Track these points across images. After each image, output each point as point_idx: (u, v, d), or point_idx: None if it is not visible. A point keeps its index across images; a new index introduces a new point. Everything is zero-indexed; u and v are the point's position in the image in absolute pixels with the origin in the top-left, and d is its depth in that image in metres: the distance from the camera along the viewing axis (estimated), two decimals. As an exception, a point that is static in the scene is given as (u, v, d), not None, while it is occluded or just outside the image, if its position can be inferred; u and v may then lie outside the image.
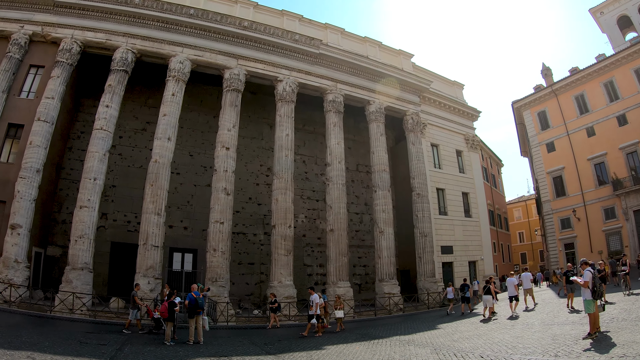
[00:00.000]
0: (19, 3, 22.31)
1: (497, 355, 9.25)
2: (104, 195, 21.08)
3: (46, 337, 12.06)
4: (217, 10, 23.27)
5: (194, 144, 25.24)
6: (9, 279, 17.62)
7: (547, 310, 16.62)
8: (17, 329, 12.88)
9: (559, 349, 9.01)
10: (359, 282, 26.70)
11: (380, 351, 11.22)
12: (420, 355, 10.16)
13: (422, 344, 12.07)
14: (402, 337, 13.70)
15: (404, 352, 10.72)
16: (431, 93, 29.83)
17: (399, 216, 27.85)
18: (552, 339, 10.30)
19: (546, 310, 16.87)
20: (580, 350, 8.59)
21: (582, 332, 10.12)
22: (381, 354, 10.75)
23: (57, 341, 11.59)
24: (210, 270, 19.79)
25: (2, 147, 20.66)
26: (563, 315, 14.59)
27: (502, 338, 11.55)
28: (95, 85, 23.90)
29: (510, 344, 10.37)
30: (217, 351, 11.86)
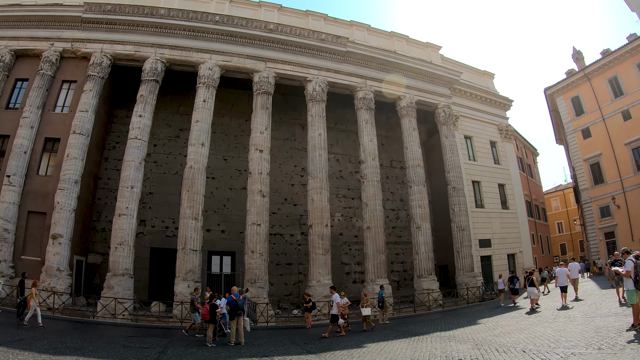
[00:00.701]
0: (47, 22, 23.31)
1: (540, 349, 9.09)
2: (142, 202, 21.68)
3: (90, 342, 12.41)
4: (242, 15, 23.60)
5: (228, 148, 25.66)
6: (52, 286, 18.43)
7: (590, 302, 16.16)
8: (62, 334, 13.26)
9: (602, 341, 8.78)
10: (397, 278, 26.47)
11: (421, 348, 11.09)
12: (462, 351, 10.07)
13: (463, 339, 11.94)
14: (442, 333, 13.60)
15: (445, 349, 10.63)
16: (461, 84, 29.22)
17: (435, 211, 27.44)
18: (595, 331, 10.06)
19: (588, 302, 16.43)
20: (624, 342, 8.36)
21: (626, 323, 9.85)
22: (422, 350, 10.66)
23: (100, 345, 11.93)
24: (249, 272, 20.03)
25: (40, 161, 21.67)
26: (606, 307, 14.23)
27: (544, 332, 11.35)
28: (127, 96, 24.73)
29: (553, 338, 10.22)
30: (258, 351, 11.95)
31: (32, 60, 23.20)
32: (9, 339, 11.47)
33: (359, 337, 14.28)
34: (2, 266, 19.22)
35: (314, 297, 19.87)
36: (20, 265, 19.77)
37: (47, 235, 19.77)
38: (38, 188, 21.01)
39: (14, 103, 23.01)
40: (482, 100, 31.11)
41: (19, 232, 20.27)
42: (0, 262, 19.31)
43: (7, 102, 22.90)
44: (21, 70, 23.33)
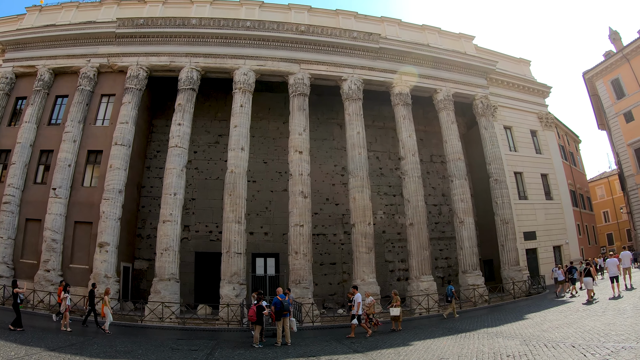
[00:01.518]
0: (82, 39, 24.06)
1: (589, 343, 8.82)
2: (185, 208, 22.05)
3: (139, 345, 12.66)
4: (273, 19, 23.70)
5: (267, 151, 25.80)
6: (99, 293, 18.64)
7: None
8: (111, 339, 13.52)
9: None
10: (441, 275, 25.90)
11: (468, 345, 10.94)
12: (510, 347, 9.92)
13: (510, 335, 11.73)
14: (489, 330, 13.36)
15: (492, 345, 10.46)
16: (498, 74, 28.37)
17: (478, 204, 26.72)
18: (646, 324, 9.62)
19: (638, 294, 15.83)
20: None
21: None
22: (469, 347, 10.50)
23: (149, 349, 12.12)
24: (293, 272, 20.05)
25: (85, 173, 22.39)
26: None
27: (594, 325, 11.00)
28: (165, 106, 25.23)
29: (602, 332, 9.94)
30: (304, 352, 11.96)
31: (71, 77, 23.98)
32: (61, 344, 11.78)
33: (405, 336, 14.09)
34: (51, 275, 20.01)
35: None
36: (69, 274, 20.55)
37: (94, 243, 20.41)
38: (83, 199, 21.68)
39: (56, 119, 23.84)
40: (519, 89, 30.13)
41: (67, 241, 21.04)
42: (50, 271, 20.11)
43: (49, 119, 23.75)
44: (60, 87, 24.16)
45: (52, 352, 10.37)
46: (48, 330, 14.22)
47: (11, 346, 10.58)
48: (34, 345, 11.13)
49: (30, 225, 21.72)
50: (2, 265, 20.71)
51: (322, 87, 24.15)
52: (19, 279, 20.53)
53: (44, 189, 21.95)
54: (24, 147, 22.52)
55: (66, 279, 20.22)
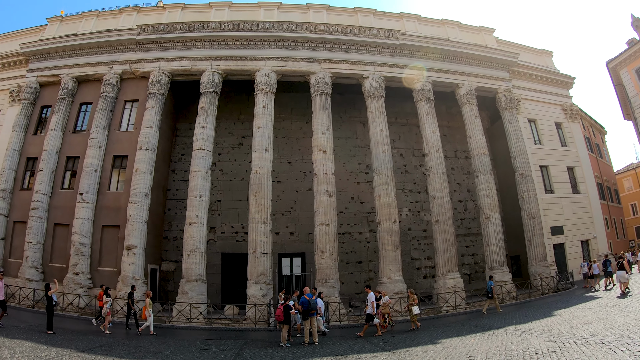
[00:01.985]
0: (104, 47, 24.44)
1: (620, 340, 8.75)
2: (211, 210, 22.19)
3: (167, 345, 12.78)
4: (292, 20, 23.76)
5: (291, 151, 25.85)
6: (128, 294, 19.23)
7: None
8: (140, 340, 13.70)
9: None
10: (468, 272, 25.54)
11: (496, 342, 10.88)
12: (539, 344, 9.84)
13: (539, 332, 11.63)
14: (517, 327, 13.25)
15: (521, 342, 10.38)
16: (520, 66, 27.84)
17: (504, 199, 26.27)
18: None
19: None
20: None
21: None
22: (498, 345, 10.46)
23: (178, 349, 12.26)
24: (320, 272, 20.02)
25: (111, 178, 22.73)
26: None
27: (624, 322, 10.87)
28: (188, 109, 25.41)
29: (633, 328, 9.88)
30: (332, 350, 11.98)
31: (94, 84, 24.39)
32: (90, 345, 12.00)
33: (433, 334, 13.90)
34: (80, 278, 20.38)
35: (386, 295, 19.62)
36: (97, 277, 20.93)
37: (122, 246, 20.76)
38: (110, 203, 22.02)
39: (81, 126, 24.27)
40: (542, 81, 29.53)
41: (95, 245, 21.45)
42: (79, 274, 20.48)
43: (74, 126, 24.18)
44: (84, 94, 24.58)
45: (82, 353, 10.58)
46: (78, 332, 14.49)
47: (42, 348, 10.77)
48: (64, 346, 11.35)
49: (58, 229, 22.20)
50: (32, 269, 21.20)
51: (344, 85, 24.07)
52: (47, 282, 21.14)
53: (71, 194, 22.36)
54: (51, 154, 22.96)
55: (94, 281, 20.70)
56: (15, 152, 23.99)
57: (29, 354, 9.89)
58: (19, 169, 23.97)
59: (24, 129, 24.60)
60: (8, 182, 23.42)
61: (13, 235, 22.85)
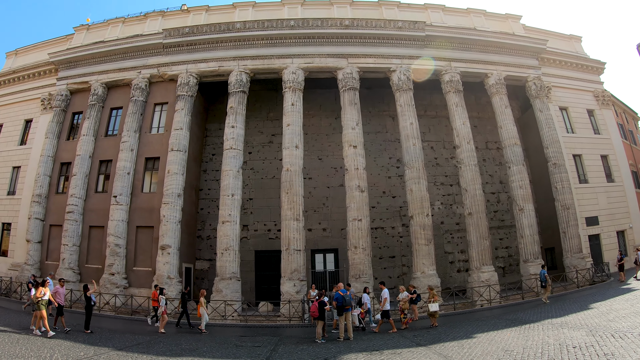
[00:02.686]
0: (131, 52, 24.84)
1: None
2: (243, 208, 22.35)
3: (203, 343, 12.92)
4: (316, 16, 23.68)
5: (321, 148, 25.85)
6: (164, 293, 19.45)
7: None
8: (176, 337, 13.88)
9: None
10: (502, 265, 25.05)
11: (532, 336, 10.70)
12: (576, 338, 9.72)
13: (576, 326, 11.48)
14: (553, 320, 13.02)
15: (558, 336, 10.25)
16: (548, 53, 27.13)
17: (537, 190, 25.69)
18: None
19: None
20: None
21: None
22: (534, 339, 10.32)
23: (214, 346, 12.37)
24: (353, 267, 19.97)
25: (143, 180, 23.11)
26: None
27: None
28: (217, 110, 25.70)
29: None
30: (367, 346, 11.92)
31: (123, 89, 24.84)
32: (128, 343, 12.24)
33: (468, 328, 13.71)
34: (116, 278, 20.77)
35: (419, 289, 19.29)
36: (132, 276, 21.36)
37: (156, 247, 21.10)
38: (144, 204, 22.39)
39: (112, 130, 24.72)
40: (572, 67, 28.73)
41: (130, 245, 21.86)
42: (114, 275, 20.90)
43: (105, 130, 24.65)
44: (114, 99, 25.03)
45: (120, 351, 10.80)
46: (115, 331, 14.76)
47: (80, 347, 11.02)
48: (102, 345, 11.60)
49: (93, 231, 22.75)
50: (69, 270, 21.74)
51: (372, 79, 23.94)
52: (85, 282, 21.59)
53: (105, 197, 22.82)
54: (84, 158, 23.47)
55: (130, 281, 21.13)
56: (49, 158, 24.63)
57: (67, 352, 10.12)
58: (53, 175, 24.62)
59: (56, 135, 25.22)
60: (43, 188, 24.07)
61: (49, 239, 23.51)
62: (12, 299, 21.89)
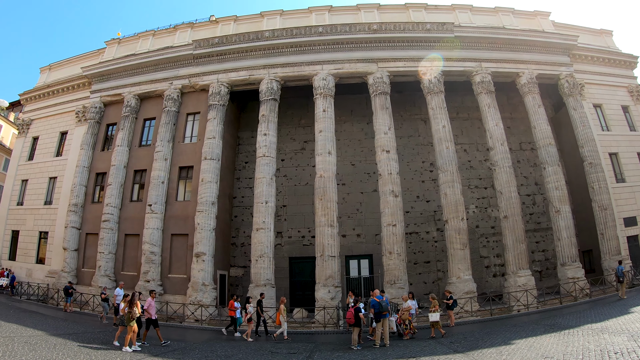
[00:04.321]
0: (162, 64, 25.38)
1: None
2: (277, 215, 22.47)
3: (238, 349, 12.86)
4: (344, 22, 23.78)
5: (354, 153, 25.83)
6: (198, 300, 19.94)
7: None
8: (211, 344, 13.91)
9: None
10: (539, 268, 24.48)
11: (572, 342, 10.45)
12: (617, 343, 9.52)
13: (616, 331, 11.23)
14: (593, 325, 12.73)
15: (599, 342, 10.03)
16: (579, 49, 26.51)
17: (573, 191, 25.07)
18: None
19: None
20: None
21: None
22: (574, 345, 10.09)
23: (249, 353, 12.33)
24: (388, 273, 19.83)
25: (177, 188, 23.48)
26: None
27: None
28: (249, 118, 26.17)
29: None
30: (404, 352, 11.78)
31: (156, 100, 25.36)
32: (164, 350, 12.35)
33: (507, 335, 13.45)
34: (151, 285, 21.12)
35: (455, 294, 19.10)
36: (167, 283, 21.72)
37: (191, 254, 21.40)
38: (178, 212, 22.76)
39: (146, 140, 25.25)
40: (604, 63, 28.00)
41: (165, 253, 22.26)
42: (150, 282, 21.29)
43: (139, 141, 25.19)
44: (147, 110, 25.57)
45: (156, 357, 10.97)
46: (151, 337, 14.81)
47: (116, 353, 11.14)
48: (139, 351, 11.75)
49: (129, 239, 23.29)
50: (105, 277, 22.30)
51: (402, 83, 23.81)
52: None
53: (140, 205, 23.33)
54: (119, 168, 24.04)
55: (165, 288, 21.54)
56: (84, 169, 25.32)
57: (104, 358, 10.28)
58: (89, 184, 25.31)
59: (91, 146, 25.92)
60: (79, 197, 24.76)
61: (85, 246, 24.20)
62: (49, 305, 22.58)
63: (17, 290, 24.88)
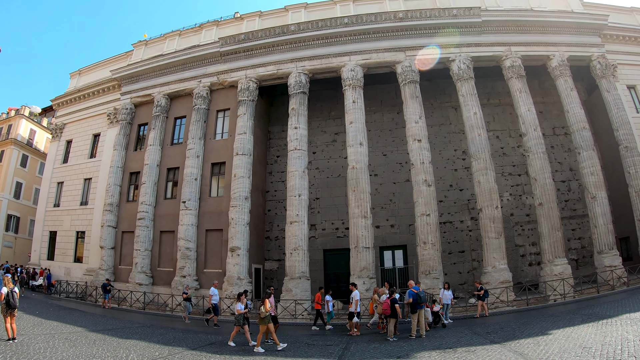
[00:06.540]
0: (190, 63, 25.74)
1: None
2: (310, 208, 22.61)
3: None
4: (369, 12, 23.61)
5: (385, 144, 25.75)
6: (234, 294, 19.80)
7: None
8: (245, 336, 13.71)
9: None
10: (575, 257, 23.92)
11: (611, 332, 10.20)
12: None
13: None
14: (632, 315, 12.38)
15: (638, 331, 9.87)
16: (610, 28, 25.65)
17: (609, 176, 24.34)
18: None
19: None
20: None
21: None
22: (613, 335, 9.86)
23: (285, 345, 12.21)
24: (422, 263, 19.72)
25: (210, 185, 23.79)
26: None
27: None
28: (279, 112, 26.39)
29: None
30: (440, 343, 11.66)
31: (185, 98, 25.74)
32: (201, 343, 12.48)
33: (543, 324, 13.11)
34: (187, 280, 21.62)
35: (491, 284, 19.04)
36: (203, 278, 22.11)
37: (226, 249, 21.74)
38: (212, 208, 23.12)
39: (178, 138, 25.69)
40: (637, 42, 27.08)
41: (200, 248, 22.68)
42: (186, 277, 21.77)
43: (171, 139, 25.65)
44: (177, 109, 26.00)
45: (193, 351, 11.02)
46: (188, 331, 15.17)
47: (155, 347, 11.33)
48: (176, 345, 11.90)
49: (164, 236, 23.80)
50: (141, 274, 22.87)
51: (431, 71, 23.42)
52: (157, 285, 22.79)
53: (174, 203, 23.81)
54: (152, 167, 24.56)
55: (201, 283, 21.93)
56: (118, 169, 25.97)
57: (143, 352, 10.40)
58: (123, 184, 25.96)
59: (124, 147, 26.55)
60: (114, 197, 25.43)
61: (122, 244, 24.90)
62: (88, 302, 23.39)
63: (55, 288, 25.79)
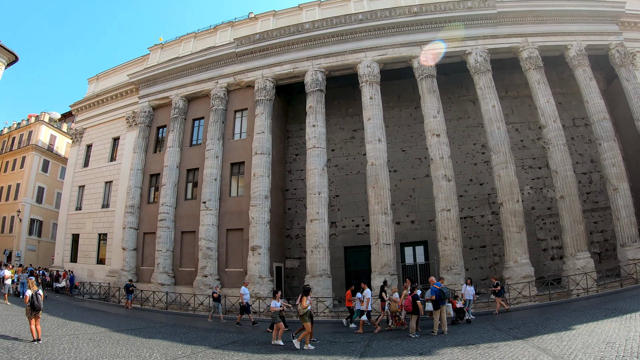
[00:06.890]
0: (207, 64, 26.00)
1: None
2: (330, 205, 22.62)
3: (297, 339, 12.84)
4: (383, 7, 23.62)
5: (403, 139, 25.70)
6: (255, 292, 20.30)
7: None
8: (269, 334, 13.79)
9: None
10: (597, 250, 23.48)
11: (635, 327, 10.03)
12: None
13: None
14: None
15: None
16: (627, 16, 25.00)
17: (631, 167, 23.83)
18: None
19: None
20: None
21: None
22: (637, 329, 9.70)
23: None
24: (444, 259, 19.65)
25: (230, 185, 24.04)
26: None
27: None
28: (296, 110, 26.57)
29: None
30: (463, 340, 11.60)
31: (203, 100, 26.06)
32: (223, 342, 12.57)
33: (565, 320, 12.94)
34: (209, 279, 21.87)
35: (513, 279, 18.98)
36: (224, 277, 22.36)
37: (246, 248, 21.94)
38: (232, 208, 23.34)
39: (196, 139, 26.04)
40: (656, 29, 26.59)
41: (221, 248, 22.92)
42: (207, 276, 22.01)
43: (190, 140, 25.98)
44: (195, 110, 26.32)
45: (216, 349, 11.12)
46: (210, 330, 15.30)
47: (178, 346, 11.46)
48: (198, 344, 11.99)
49: (185, 237, 24.11)
50: (163, 274, 23.22)
51: (447, 65, 23.37)
52: (179, 285, 23.07)
53: (194, 203, 24.11)
54: (171, 168, 24.90)
55: (222, 282, 22.11)
56: (138, 172, 26.40)
57: (166, 352, 10.53)
58: (144, 186, 26.39)
59: (143, 149, 26.97)
60: (135, 199, 25.86)
61: (143, 246, 25.30)
62: (111, 303, 23.81)
63: (78, 290, 26.35)
